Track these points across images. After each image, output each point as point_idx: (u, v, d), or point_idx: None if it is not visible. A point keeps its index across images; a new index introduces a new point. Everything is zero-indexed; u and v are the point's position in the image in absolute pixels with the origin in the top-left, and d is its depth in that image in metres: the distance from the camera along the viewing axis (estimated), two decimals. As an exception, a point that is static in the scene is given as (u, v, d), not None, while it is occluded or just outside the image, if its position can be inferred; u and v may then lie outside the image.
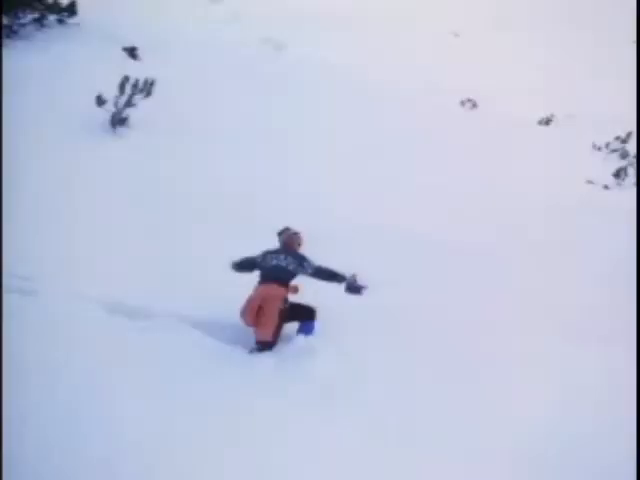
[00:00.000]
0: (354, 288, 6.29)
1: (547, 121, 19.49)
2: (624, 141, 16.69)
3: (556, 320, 7.52)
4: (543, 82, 24.39)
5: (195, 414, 4.36)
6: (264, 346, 5.91)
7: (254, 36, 21.46)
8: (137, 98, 10.27)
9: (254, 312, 5.89)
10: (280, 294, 6.03)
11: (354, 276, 6.28)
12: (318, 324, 6.22)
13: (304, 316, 6.21)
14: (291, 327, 6.22)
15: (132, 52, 13.89)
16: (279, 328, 6.06)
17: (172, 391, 4.62)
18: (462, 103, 20.62)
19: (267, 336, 5.89)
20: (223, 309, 6.28)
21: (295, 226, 6.71)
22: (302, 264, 6.26)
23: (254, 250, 6.46)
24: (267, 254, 6.38)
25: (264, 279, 6.17)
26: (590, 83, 24.55)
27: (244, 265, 6.44)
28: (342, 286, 6.30)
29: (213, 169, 9.75)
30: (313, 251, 6.57)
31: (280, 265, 6.22)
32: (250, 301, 5.94)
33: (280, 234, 6.62)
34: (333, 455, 4.25)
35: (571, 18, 33.84)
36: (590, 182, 13.39)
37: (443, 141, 13.94)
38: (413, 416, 5.06)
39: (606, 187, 13.32)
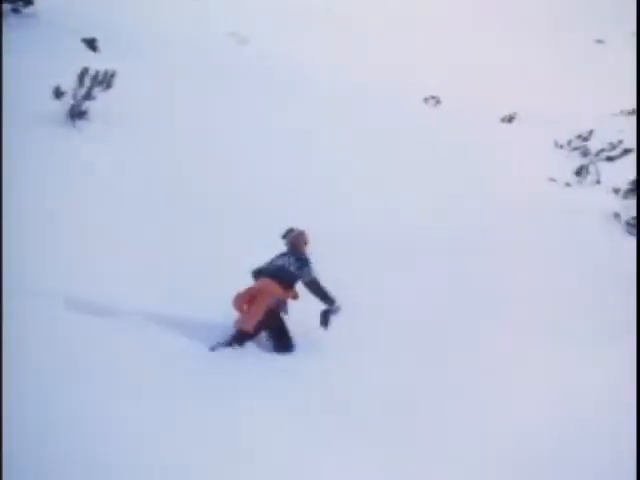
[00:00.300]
0: (326, 316, 6.32)
1: (510, 119, 19.63)
2: (585, 139, 16.89)
3: (526, 317, 7.61)
4: (507, 80, 24.62)
5: (178, 414, 4.35)
6: (239, 338, 5.89)
7: (218, 30, 21.14)
8: (97, 90, 9.96)
9: (245, 300, 5.92)
10: (276, 292, 6.02)
11: (338, 307, 6.31)
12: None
13: (278, 343, 6.17)
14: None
15: (91, 43, 13.47)
16: (261, 325, 5.99)
17: (158, 391, 4.61)
18: (425, 100, 20.65)
19: (247, 326, 5.85)
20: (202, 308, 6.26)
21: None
22: (302, 269, 6.26)
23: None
24: (277, 256, 6.45)
25: (267, 275, 6.20)
26: (552, 82, 24.87)
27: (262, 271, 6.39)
28: (324, 305, 6.31)
29: (174, 162, 9.56)
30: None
31: (284, 265, 6.27)
32: (247, 289, 6.01)
33: (284, 237, 6.62)
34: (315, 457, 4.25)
35: (535, 18, 34.25)
36: (552, 180, 13.50)
37: (406, 139, 13.90)
38: (397, 416, 5.12)
39: (568, 185, 13.45)
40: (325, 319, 6.31)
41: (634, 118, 18.18)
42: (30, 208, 7.17)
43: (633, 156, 14.86)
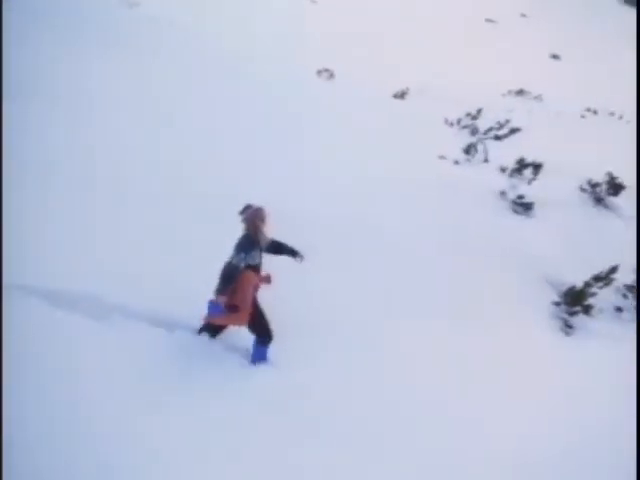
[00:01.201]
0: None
1: (402, 94, 19.45)
2: (474, 117, 16.94)
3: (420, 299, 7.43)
4: (400, 56, 24.52)
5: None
6: (212, 329, 5.71)
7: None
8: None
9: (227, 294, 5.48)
10: (253, 279, 5.60)
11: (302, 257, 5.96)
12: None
13: (258, 334, 5.71)
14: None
15: None
16: (253, 317, 5.61)
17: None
18: (319, 73, 20.12)
19: (241, 322, 5.57)
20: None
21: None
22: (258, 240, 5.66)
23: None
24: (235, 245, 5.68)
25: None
26: (444, 59, 25.03)
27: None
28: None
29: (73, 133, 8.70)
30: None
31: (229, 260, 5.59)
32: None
33: (242, 213, 5.76)
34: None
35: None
36: (442, 157, 13.36)
37: (298, 112, 13.33)
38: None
39: (456, 162, 13.35)
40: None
41: (522, 98, 18.52)
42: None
43: (520, 135, 15.02)
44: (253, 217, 5.69)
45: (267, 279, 5.76)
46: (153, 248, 6.76)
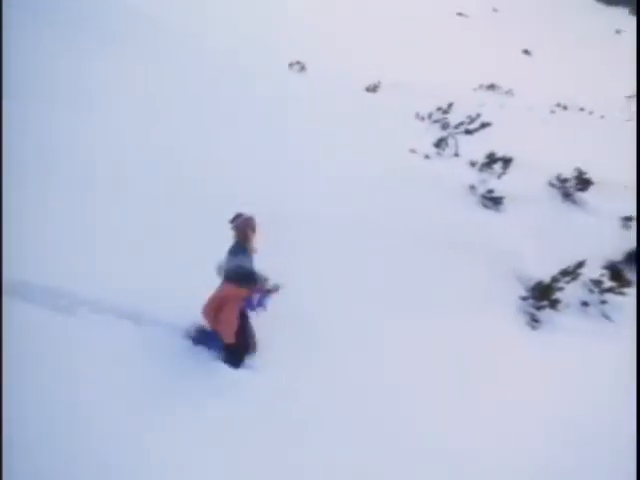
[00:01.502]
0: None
1: (374, 88, 19.39)
2: (445, 112, 16.94)
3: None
4: (372, 50, 24.44)
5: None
6: (229, 348, 5.60)
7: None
8: None
9: (213, 308, 5.50)
10: (240, 294, 5.51)
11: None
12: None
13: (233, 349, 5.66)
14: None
15: None
16: (239, 332, 5.57)
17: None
18: (290, 65, 19.98)
19: (228, 338, 5.51)
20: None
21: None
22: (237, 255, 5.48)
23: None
24: (229, 250, 5.58)
25: (227, 278, 5.53)
26: (415, 53, 25.00)
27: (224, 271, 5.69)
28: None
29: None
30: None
31: (239, 265, 5.46)
32: (213, 298, 5.53)
33: (232, 221, 5.64)
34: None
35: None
36: (413, 151, 13.32)
37: (269, 105, 13.20)
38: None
39: (427, 157, 13.32)
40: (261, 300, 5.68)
41: (493, 93, 18.55)
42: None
43: (490, 130, 15.02)
44: (244, 226, 5.58)
45: (275, 289, 5.67)
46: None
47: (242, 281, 5.37)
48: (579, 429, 5.47)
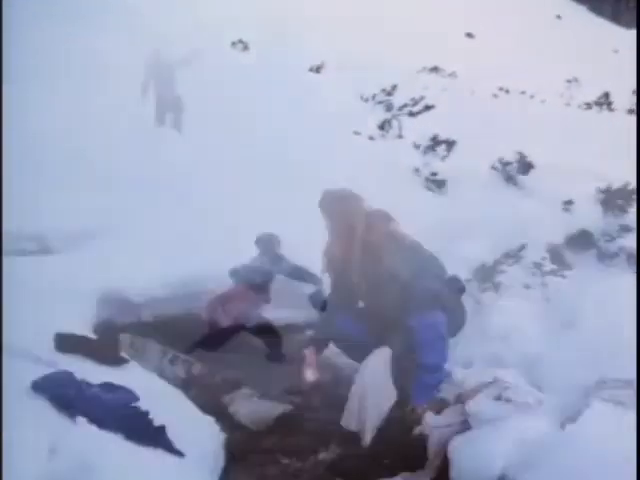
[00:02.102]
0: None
1: (317, 68, 19.19)
2: (389, 93, 16.84)
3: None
4: (314, 28, 24.12)
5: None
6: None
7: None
8: None
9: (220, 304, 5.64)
10: (247, 298, 5.68)
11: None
12: None
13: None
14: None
15: None
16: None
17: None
18: (233, 44, 19.60)
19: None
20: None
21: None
22: (278, 263, 5.82)
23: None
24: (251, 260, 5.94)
25: (241, 279, 5.78)
26: (359, 33, 24.84)
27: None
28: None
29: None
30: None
31: (260, 266, 5.82)
32: (219, 296, 5.71)
33: (258, 242, 6.01)
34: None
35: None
36: (357, 133, 13.23)
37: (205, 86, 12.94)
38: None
39: (371, 138, 13.23)
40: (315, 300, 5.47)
41: (436, 75, 18.62)
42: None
43: (434, 112, 15.01)
44: (271, 243, 5.95)
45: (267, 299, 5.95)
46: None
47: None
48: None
